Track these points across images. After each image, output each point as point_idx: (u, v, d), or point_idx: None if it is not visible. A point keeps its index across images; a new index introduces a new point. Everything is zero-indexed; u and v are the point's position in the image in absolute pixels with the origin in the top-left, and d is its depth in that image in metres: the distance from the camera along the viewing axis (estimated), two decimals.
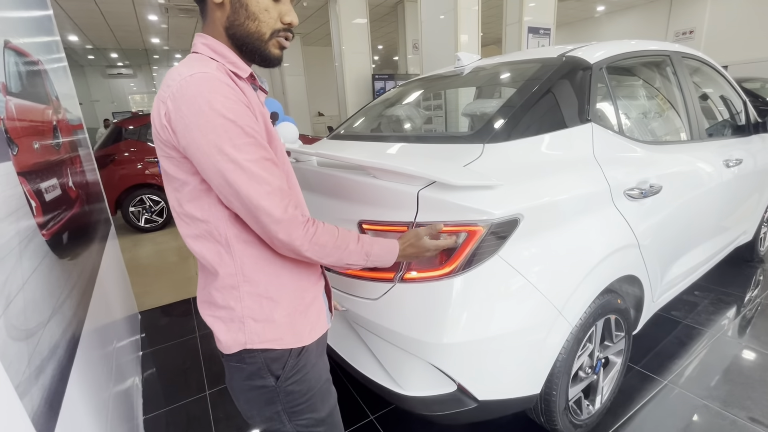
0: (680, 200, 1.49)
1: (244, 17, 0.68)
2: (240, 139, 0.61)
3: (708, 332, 2.00)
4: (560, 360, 1.14)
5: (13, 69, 1.12)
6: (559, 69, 1.29)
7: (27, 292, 0.76)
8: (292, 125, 2.31)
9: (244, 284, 0.70)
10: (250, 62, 0.74)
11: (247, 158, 0.62)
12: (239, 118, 0.62)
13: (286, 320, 0.73)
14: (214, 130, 0.60)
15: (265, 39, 0.70)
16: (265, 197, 0.63)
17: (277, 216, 0.64)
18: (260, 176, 0.63)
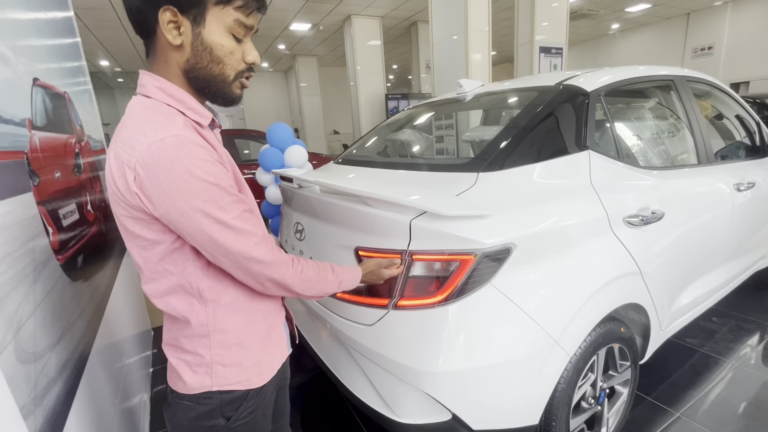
0: (686, 226, 1.47)
1: (207, 61, 0.65)
2: (223, 200, 0.62)
3: (726, 362, 1.92)
4: (559, 390, 1.12)
5: (40, 105, 1.21)
6: (556, 97, 1.31)
7: (38, 316, 0.81)
8: (302, 148, 2.38)
9: (214, 333, 0.70)
10: (211, 102, 0.73)
11: (232, 216, 0.63)
12: (220, 180, 0.62)
13: (253, 362, 0.75)
14: (199, 195, 0.59)
15: (229, 81, 0.69)
16: (254, 248, 0.65)
17: (268, 262, 0.67)
18: (246, 230, 0.65)
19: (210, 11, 0.63)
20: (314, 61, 10.96)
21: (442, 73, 5.46)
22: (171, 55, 0.65)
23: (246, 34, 0.68)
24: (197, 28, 0.63)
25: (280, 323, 0.84)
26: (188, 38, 0.64)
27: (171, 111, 0.64)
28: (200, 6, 0.62)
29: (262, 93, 13.12)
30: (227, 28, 0.65)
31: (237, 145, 5.43)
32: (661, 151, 1.67)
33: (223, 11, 0.64)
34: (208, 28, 0.64)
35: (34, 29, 1.30)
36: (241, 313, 0.73)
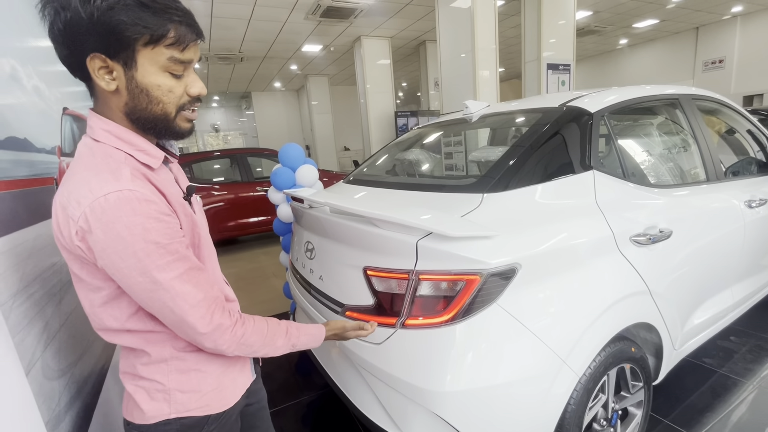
0: (695, 244, 1.46)
1: (146, 103, 0.63)
2: (162, 260, 0.60)
3: (746, 383, 1.86)
4: (569, 411, 1.11)
5: (68, 132, 1.29)
6: (560, 119, 1.34)
7: (63, 333, 0.86)
8: (313, 168, 2.44)
9: (172, 360, 0.70)
10: (158, 139, 0.71)
11: (170, 277, 0.61)
12: (161, 237, 0.60)
13: (213, 387, 0.74)
14: (135, 255, 0.58)
15: (171, 118, 0.66)
16: (190, 312, 0.63)
17: (201, 330, 0.65)
18: (184, 292, 0.62)
19: (140, 53, 0.60)
20: (325, 81, 11.22)
21: (450, 90, 5.55)
22: (109, 98, 0.64)
23: (186, 68, 0.65)
24: (129, 71, 0.61)
25: None
26: (122, 82, 0.61)
27: (119, 158, 0.62)
28: (128, 49, 0.59)
29: (275, 111, 13.44)
30: (162, 68, 0.63)
31: (250, 163, 5.57)
32: (667, 169, 1.67)
33: (155, 51, 0.61)
34: (141, 71, 0.61)
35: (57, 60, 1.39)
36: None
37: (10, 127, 0.84)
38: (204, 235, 0.76)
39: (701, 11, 8.12)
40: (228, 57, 8.14)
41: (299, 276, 1.62)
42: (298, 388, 2.09)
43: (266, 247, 5.40)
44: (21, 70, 0.97)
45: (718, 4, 7.72)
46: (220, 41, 7.13)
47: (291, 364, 2.35)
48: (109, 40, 0.58)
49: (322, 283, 1.37)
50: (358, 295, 1.19)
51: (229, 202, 5.11)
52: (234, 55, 8.06)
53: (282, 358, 2.39)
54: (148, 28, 0.59)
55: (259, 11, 5.85)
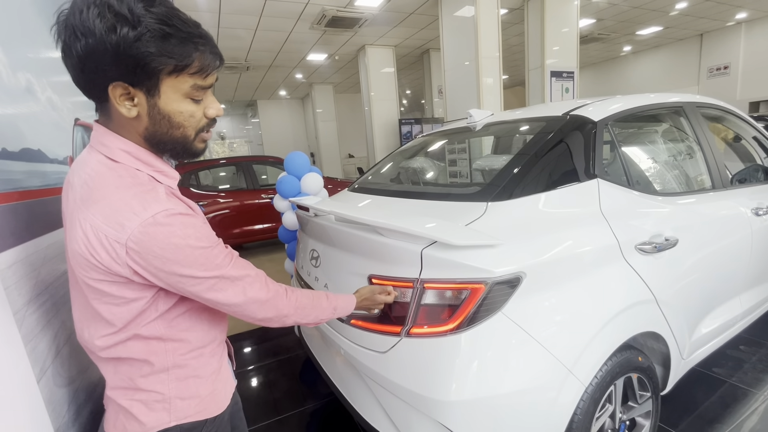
0: (701, 252, 1.45)
1: (167, 128, 0.64)
2: (218, 259, 0.66)
3: (757, 394, 1.83)
4: (576, 421, 1.10)
5: (80, 142, 1.32)
6: (564, 127, 1.34)
7: (72, 342, 0.87)
8: (317, 176, 2.47)
9: (173, 369, 0.71)
10: (172, 158, 0.73)
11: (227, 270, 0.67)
12: (210, 242, 0.65)
13: (209, 392, 0.76)
14: (197, 260, 0.62)
15: (191, 141, 0.68)
16: (250, 289, 0.70)
17: (264, 298, 0.72)
18: (240, 276, 0.69)
19: (164, 81, 0.61)
20: (330, 89, 11.33)
21: (454, 98, 5.59)
22: (129, 123, 0.63)
23: (205, 93, 0.67)
24: (152, 99, 0.61)
25: (226, 358, 0.87)
26: (144, 109, 0.62)
27: (147, 180, 0.64)
28: (153, 78, 0.60)
29: (280, 119, 13.57)
30: (185, 95, 0.64)
31: (255, 170, 5.61)
32: (672, 177, 1.67)
33: (179, 79, 0.62)
34: (164, 98, 0.62)
35: None
36: (196, 350, 0.74)
37: (24, 139, 0.86)
38: None
39: (705, 18, 8.13)
40: (234, 66, 8.26)
41: (304, 284, 1.63)
42: (302, 397, 2.08)
43: (271, 254, 5.42)
44: (35, 82, 1.00)
45: (721, 10, 7.73)
46: (227, 51, 7.24)
47: (295, 372, 2.35)
48: (135, 71, 0.58)
49: (328, 291, 1.38)
50: None
51: (234, 209, 5.15)
52: (240, 65, 8.18)
53: (286, 367, 2.39)
54: (173, 58, 0.59)
55: (265, 21, 5.94)
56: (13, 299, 0.64)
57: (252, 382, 2.27)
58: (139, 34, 0.56)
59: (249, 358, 2.57)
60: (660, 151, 1.79)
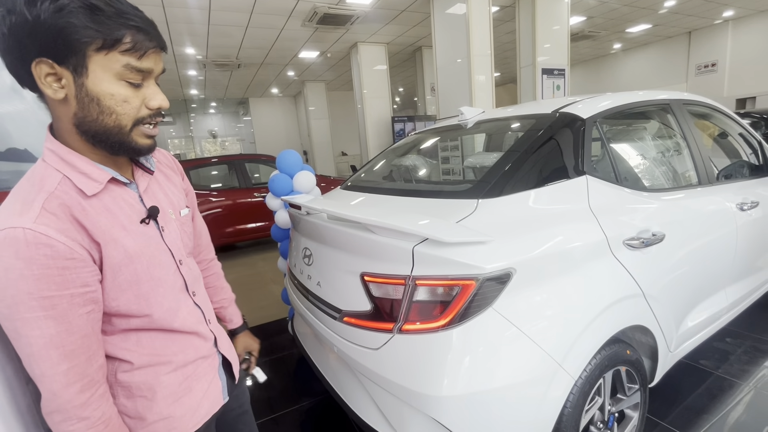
0: (688, 247, 1.48)
1: (96, 113, 0.58)
2: (30, 313, 0.54)
3: (742, 385, 1.87)
4: (566, 414, 1.12)
5: None
6: (553, 125, 1.36)
7: None
8: (310, 174, 2.46)
9: (116, 386, 0.67)
10: (115, 155, 0.65)
11: (34, 333, 0.55)
12: (39, 288, 0.54)
13: (160, 417, 0.70)
14: (4, 299, 0.53)
15: (126, 131, 0.62)
16: (46, 377, 0.57)
17: (45, 397, 0.58)
18: (44, 355, 0.56)
19: (92, 59, 0.56)
20: (322, 86, 11.29)
21: (446, 95, 5.61)
22: (58, 109, 0.59)
23: (145, 77, 0.62)
24: (80, 78, 0.56)
25: (209, 374, 0.79)
26: (71, 90, 0.57)
27: (45, 185, 0.58)
28: (79, 54, 0.55)
29: (272, 117, 13.49)
30: (117, 75, 0.58)
31: (248, 169, 5.58)
32: (660, 173, 1.70)
33: (108, 57, 0.57)
34: (92, 78, 0.57)
35: None
36: (143, 369, 0.68)
37: (10, 139, 0.85)
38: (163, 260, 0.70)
39: (693, 16, 8.24)
40: (225, 64, 8.18)
41: (297, 282, 1.63)
42: (296, 395, 2.09)
43: (264, 252, 5.40)
44: None
45: (709, 8, 7.83)
46: (218, 48, 7.18)
47: (289, 371, 2.36)
48: (56, 43, 0.53)
49: (320, 289, 1.38)
50: (355, 301, 1.20)
51: (227, 208, 5.12)
52: (231, 62, 8.11)
53: (281, 365, 2.39)
54: (100, 32, 0.55)
55: (256, 18, 5.90)
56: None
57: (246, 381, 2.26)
58: (61, 5, 0.52)
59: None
60: (648, 148, 1.82)
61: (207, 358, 0.79)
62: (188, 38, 6.52)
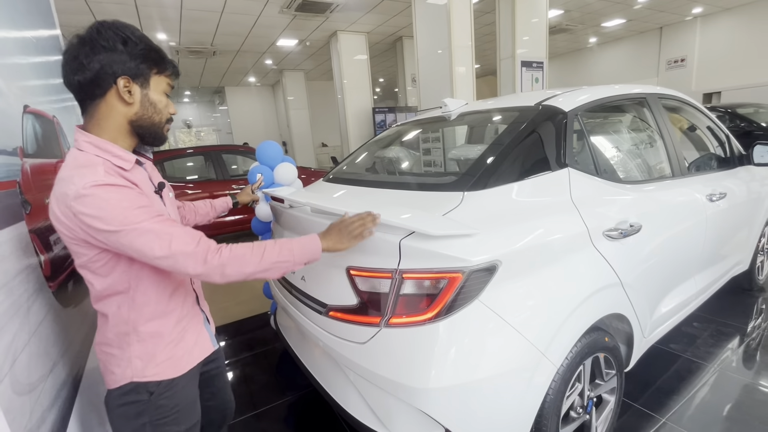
0: (662, 237, 1.54)
1: (151, 112, 0.90)
2: (140, 212, 0.77)
3: (708, 366, 1.98)
4: (548, 401, 1.15)
5: (30, 132, 1.22)
6: (536, 118, 1.37)
7: (32, 346, 0.82)
8: (291, 166, 2.40)
9: (133, 333, 0.88)
10: (144, 143, 0.94)
11: (151, 222, 0.78)
12: (131, 202, 0.78)
13: (166, 357, 0.92)
14: (116, 218, 0.75)
15: (162, 126, 0.94)
16: (175, 241, 0.79)
17: (190, 251, 0.80)
18: (164, 230, 0.79)
19: (152, 78, 0.89)
20: (301, 76, 11.05)
21: (427, 86, 5.59)
22: (120, 110, 0.86)
23: (170, 92, 0.95)
24: (144, 90, 0.88)
25: (197, 325, 1.02)
26: (138, 97, 0.87)
27: (96, 162, 0.81)
28: (146, 75, 0.88)
29: (250, 107, 13.14)
30: (162, 90, 0.92)
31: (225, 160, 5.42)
32: (636, 165, 1.75)
33: (159, 78, 0.91)
34: (152, 90, 0.89)
35: (22, 51, 1.31)
36: (155, 319, 0.91)
37: None
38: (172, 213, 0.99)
39: (665, 12, 8.49)
40: (200, 51, 7.88)
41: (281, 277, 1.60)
42: (280, 389, 2.07)
43: None
44: None
45: (680, 5, 8.08)
46: (191, 34, 6.89)
47: (272, 365, 2.33)
48: (136, 69, 0.85)
49: (304, 283, 1.36)
50: (341, 296, 1.19)
51: None
52: (206, 49, 7.81)
53: (263, 360, 2.36)
54: (158, 65, 0.90)
55: (232, 4, 5.68)
56: None
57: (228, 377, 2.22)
58: (144, 46, 0.87)
59: (224, 352, 2.52)
60: (625, 141, 1.87)
61: (193, 313, 1.02)
62: (160, 23, 6.23)
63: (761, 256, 2.60)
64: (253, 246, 0.89)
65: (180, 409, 0.94)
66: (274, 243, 0.92)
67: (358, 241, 1.00)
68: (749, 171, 2.26)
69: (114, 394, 0.89)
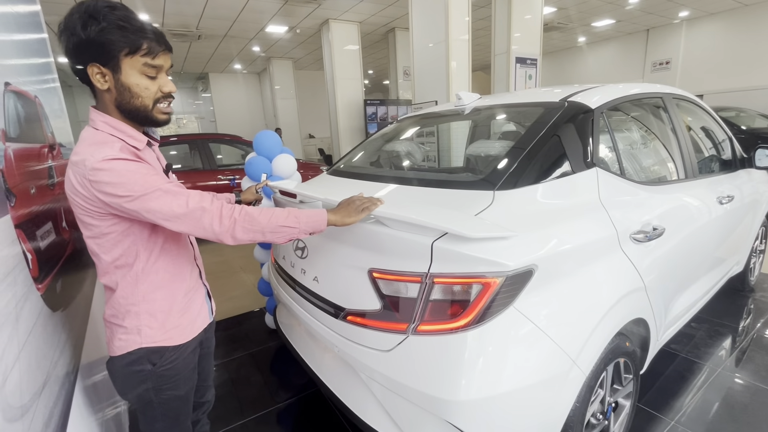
0: (681, 240, 1.52)
1: (128, 97, 0.87)
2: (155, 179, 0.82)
3: (707, 366, 2.00)
4: (574, 410, 1.11)
5: (13, 113, 1.08)
6: (563, 114, 1.31)
7: (23, 361, 0.71)
8: (291, 158, 2.29)
9: (142, 303, 0.93)
10: (142, 125, 0.93)
11: (168, 185, 0.83)
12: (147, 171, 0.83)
13: (174, 325, 0.97)
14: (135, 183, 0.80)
15: (149, 109, 0.89)
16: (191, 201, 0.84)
17: (207, 207, 0.85)
18: (179, 191, 0.84)
19: (123, 61, 0.84)
20: (290, 64, 10.77)
21: (422, 79, 5.49)
22: (105, 95, 0.87)
23: (158, 71, 0.88)
24: (116, 74, 0.84)
25: (200, 297, 1.08)
26: (112, 83, 0.85)
27: (113, 139, 0.86)
28: (115, 59, 0.83)
29: (235, 95, 12.74)
30: (139, 71, 0.86)
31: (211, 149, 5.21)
32: (657, 166, 1.72)
33: (133, 59, 0.84)
34: (124, 74, 0.85)
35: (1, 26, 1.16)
36: (164, 289, 0.96)
37: None
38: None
39: (653, 14, 8.63)
40: (184, 34, 7.54)
41: (287, 276, 1.50)
42: (278, 391, 1.98)
43: None
44: None
45: (668, 7, 8.23)
46: (176, 16, 6.58)
47: (268, 366, 2.23)
48: (101, 53, 0.82)
49: (318, 285, 1.27)
50: (361, 299, 1.11)
51: None
52: (191, 32, 7.48)
53: (260, 361, 2.26)
54: (127, 43, 0.82)
55: None
56: None
57: (221, 377, 2.12)
58: (101, 27, 0.80)
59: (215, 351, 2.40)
60: (644, 141, 1.84)
61: (198, 286, 1.08)
62: (141, 2, 5.90)
63: (754, 257, 2.65)
64: (261, 209, 0.94)
65: (181, 376, 1.00)
66: (283, 209, 0.96)
67: (364, 214, 1.02)
68: (749, 173, 2.29)
69: (120, 361, 0.94)
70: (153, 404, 0.98)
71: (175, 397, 1.00)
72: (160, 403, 0.99)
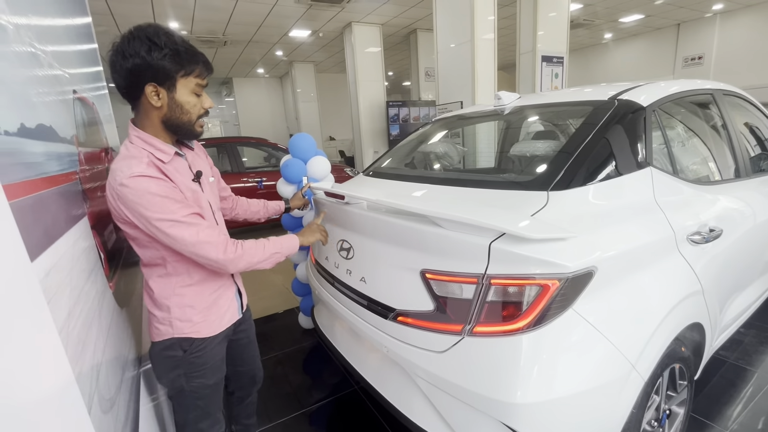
0: (737, 242, 1.45)
1: (179, 113, 0.97)
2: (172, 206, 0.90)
3: (759, 373, 1.91)
4: (631, 416, 1.08)
5: (80, 119, 1.14)
6: (614, 113, 1.28)
7: (107, 354, 0.74)
8: (325, 160, 2.32)
9: (173, 297, 1.03)
10: (179, 138, 1.04)
11: (180, 216, 0.90)
12: (167, 194, 0.90)
13: (201, 319, 1.06)
14: (153, 204, 0.87)
15: (193, 123, 1.01)
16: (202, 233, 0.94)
17: (214, 241, 0.95)
18: (193, 222, 0.93)
19: (179, 81, 0.94)
20: (311, 67, 10.89)
21: (446, 80, 5.45)
22: (153, 111, 0.96)
23: (202, 90, 1.00)
24: (171, 93, 0.94)
25: (230, 294, 1.16)
26: (165, 100, 0.94)
27: (141, 155, 0.93)
28: (172, 79, 0.93)
29: (258, 98, 12.98)
30: (190, 90, 0.97)
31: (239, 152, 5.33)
32: (711, 165, 1.66)
33: (187, 80, 0.96)
34: (178, 92, 0.95)
35: (65, 36, 1.22)
36: (194, 286, 1.05)
37: (35, 112, 0.70)
38: (206, 208, 1.06)
39: (684, 8, 8.31)
40: (211, 41, 7.74)
41: (328, 275, 1.52)
42: (315, 390, 2.00)
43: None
44: (38, 46, 0.83)
45: (700, 0, 7.90)
46: (204, 23, 6.76)
47: (304, 366, 2.26)
48: (161, 74, 0.91)
49: (365, 285, 1.28)
50: (412, 300, 1.11)
51: None
52: (217, 39, 7.67)
53: (295, 360, 2.29)
54: (184, 68, 0.94)
55: None
56: (56, 315, 0.51)
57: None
58: (165, 53, 0.90)
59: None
60: (697, 139, 1.77)
61: (227, 284, 1.15)
62: (172, 11, 6.10)
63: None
64: (256, 241, 1.07)
65: (208, 365, 1.08)
66: (268, 240, 1.11)
67: (318, 235, 1.33)
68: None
69: (157, 347, 1.04)
70: (185, 392, 1.07)
71: (204, 386, 1.09)
72: (191, 391, 1.07)
